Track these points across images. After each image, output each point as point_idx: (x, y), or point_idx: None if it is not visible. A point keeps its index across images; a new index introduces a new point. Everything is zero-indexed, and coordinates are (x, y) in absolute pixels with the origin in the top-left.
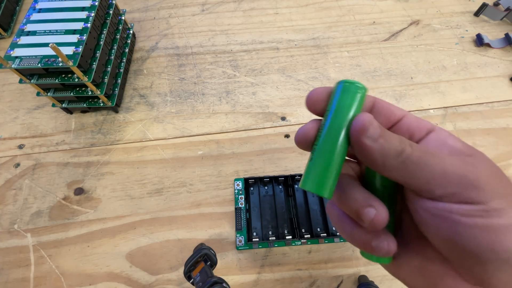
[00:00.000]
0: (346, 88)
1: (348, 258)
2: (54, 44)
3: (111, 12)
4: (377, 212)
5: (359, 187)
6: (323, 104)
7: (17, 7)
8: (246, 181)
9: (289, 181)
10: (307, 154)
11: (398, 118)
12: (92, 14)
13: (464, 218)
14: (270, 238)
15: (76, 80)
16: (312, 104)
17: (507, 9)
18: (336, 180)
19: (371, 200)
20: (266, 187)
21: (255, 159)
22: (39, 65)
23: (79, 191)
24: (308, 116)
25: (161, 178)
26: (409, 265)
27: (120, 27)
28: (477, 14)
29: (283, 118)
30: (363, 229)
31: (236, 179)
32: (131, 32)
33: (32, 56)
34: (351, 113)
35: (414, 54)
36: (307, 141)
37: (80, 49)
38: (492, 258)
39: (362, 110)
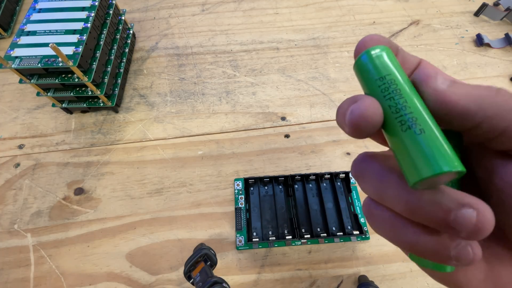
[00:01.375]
0: (374, 56)
1: (348, 258)
2: (54, 44)
3: (111, 12)
4: (479, 211)
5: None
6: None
7: (17, 7)
8: (246, 181)
9: (289, 181)
10: (307, 154)
11: (415, 66)
12: (92, 14)
13: None
14: (270, 238)
15: (76, 80)
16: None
17: (507, 9)
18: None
19: (463, 196)
20: (266, 187)
21: (255, 159)
22: (39, 65)
23: (79, 191)
24: (307, 116)
25: (161, 178)
26: (473, 270)
27: (120, 27)
28: (477, 14)
29: (283, 118)
30: (434, 235)
31: (236, 179)
32: (131, 32)
33: (32, 56)
34: (399, 70)
35: (414, 54)
36: (374, 120)
37: (80, 49)
38: None
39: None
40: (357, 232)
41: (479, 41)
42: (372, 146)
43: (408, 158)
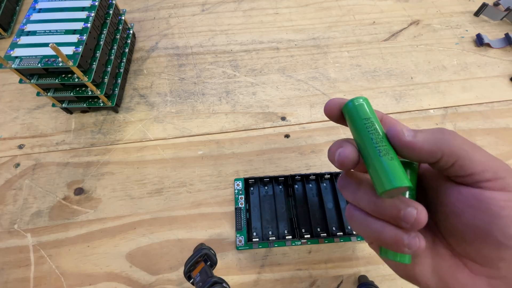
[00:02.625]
0: (354, 107)
1: (348, 258)
2: (54, 44)
3: (111, 12)
4: (418, 211)
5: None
6: (337, 112)
7: (17, 7)
8: (246, 181)
9: (289, 181)
10: (307, 154)
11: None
12: (92, 14)
13: (503, 208)
14: (270, 238)
15: (76, 80)
16: (329, 111)
17: (507, 9)
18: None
19: (410, 201)
20: (266, 187)
21: (255, 159)
22: (39, 65)
23: (79, 191)
24: (307, 116)
25: (161, 178)
26: (423, 264)
27: (120, 27)
28: (477, 14)
29: (283, 118)
30: (393, 228)
31: (236, 179)
32: (131, 32)
33: (32, 56)
34: (374, 115)
35: (414, 54)
36: (353, 161)
37: (80, 49)
38: (510, 245)
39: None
40: None
41: (479, 41)
42: None
43: (378, 176)
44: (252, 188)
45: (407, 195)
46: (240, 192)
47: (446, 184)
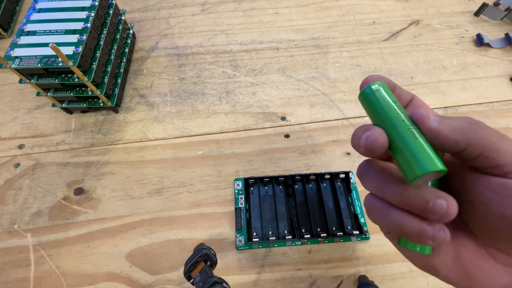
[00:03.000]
0: (379, 90)
1: (348, 258)
2: (54, 44)
3: (111, 12)
4: (448, 202)
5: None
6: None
7: (17, 7)
8: (246, 181)
9: (289, 181)
10: (307, 154)
11: (408, 100)
12: (92, 14)
13: None
14: (270, 238)
15: (76, 80)
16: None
17: (507, 9)
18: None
19: (439, 192)
20: (266, 187)
21: (255, 159)
22: (39, 65)
23: (79, 191)
24: (307, 116)
25: (161, 178)
26: (445, 254)
27: (120, 27)
28: (477, 14)
29: (283, 118)
30: (417, 220)
31: (236, 179)
32: (131, 32)
33: (32, 56)
34: (393, 104)
35: (414, 54)
36: (382, 146)
37: (80, 49)
38: None
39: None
40: (357, 232)
41: (479, 41)
42: None
43: (414, 159)
44: (252, 188)
45: (429, 184)
46: (240, 192)
47: (471, 172)
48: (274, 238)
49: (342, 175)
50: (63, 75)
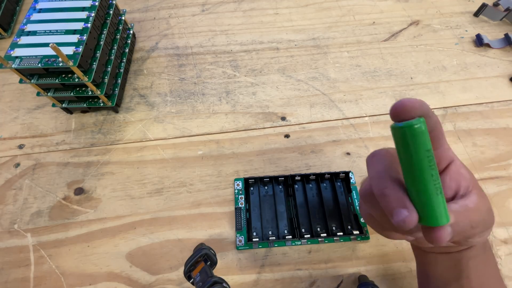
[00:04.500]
0: (415, 134)
1: (348, 258)
2: (54, 44)
3: (111, 12)
4: (409, 214)
5: (398, 187)
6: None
7: (17, 7)
8: (246, 181)
9: (289, 181)
10: (307, 154)
11: (438, 147)
12: (92, 14)
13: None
14: (270, 238)
15: (76, 80)
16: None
17: (507, 9)
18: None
19: (407, 202)
20: (266, 187)
21: (255, 159)
22: (39, 65)
23: (79, 191)
24: (307, 116)
25: (161, 178)
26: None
27: (120, 27)
28: (476, 14)
29: (283, 118)
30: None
31: (236, 179)
32: (131, 32)
33: (32, 56)
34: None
35: (414, 54)
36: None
37: (80, 49)
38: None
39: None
40: (357, 232)
41: (479, 41)
42: (371, 146)
43: (432, 211)
44: (252, 188)
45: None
46: (240, 192)
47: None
48: (274, 238)
49: (342, 175)
50: (63, 75)
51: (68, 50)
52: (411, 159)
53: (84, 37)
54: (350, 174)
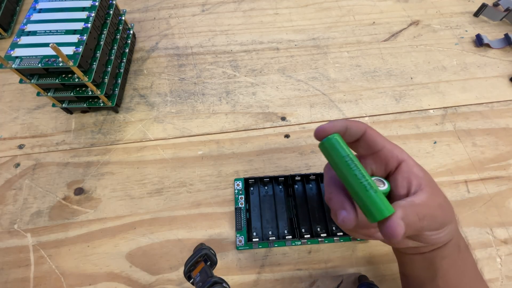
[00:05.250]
0: (331, 145)
1: (348, 258)
2: (55, 44)
3: (111, 12)
4: (347, 214)
5: (340, 191)
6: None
7: (17, 7)
8: (246, 181)
9: (289, 181)
10: (307, 154)
11: (379, 149)
12: (93, 14)
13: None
14: (270, 238)
15: (76, 80)
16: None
17: (507, 9)
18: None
19: (345, 204)
20: (266, 187)
21: (255, 159)
22: (39, 65)
23: (79, 191)
24: (307, 116)
25: (161, 178)
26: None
27: (120, 27)
28: (476, 14)
29: (283, 118)
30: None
31: (236, 179)
32: (131, 32)
33: (32, 56)
34: (348, 153)
35: (413, 54)
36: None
37: (81, 49)
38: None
39: (350, 139)
40: None
41: (479, 41)
42: None
43: (369, 208)
44: (252, 188)
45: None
46: (240, 192)
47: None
48: (274, 238)
49: None
50: (64, 75)
51: (68, 50)
52: (336, 165)
53: (84, 37)
54: None
